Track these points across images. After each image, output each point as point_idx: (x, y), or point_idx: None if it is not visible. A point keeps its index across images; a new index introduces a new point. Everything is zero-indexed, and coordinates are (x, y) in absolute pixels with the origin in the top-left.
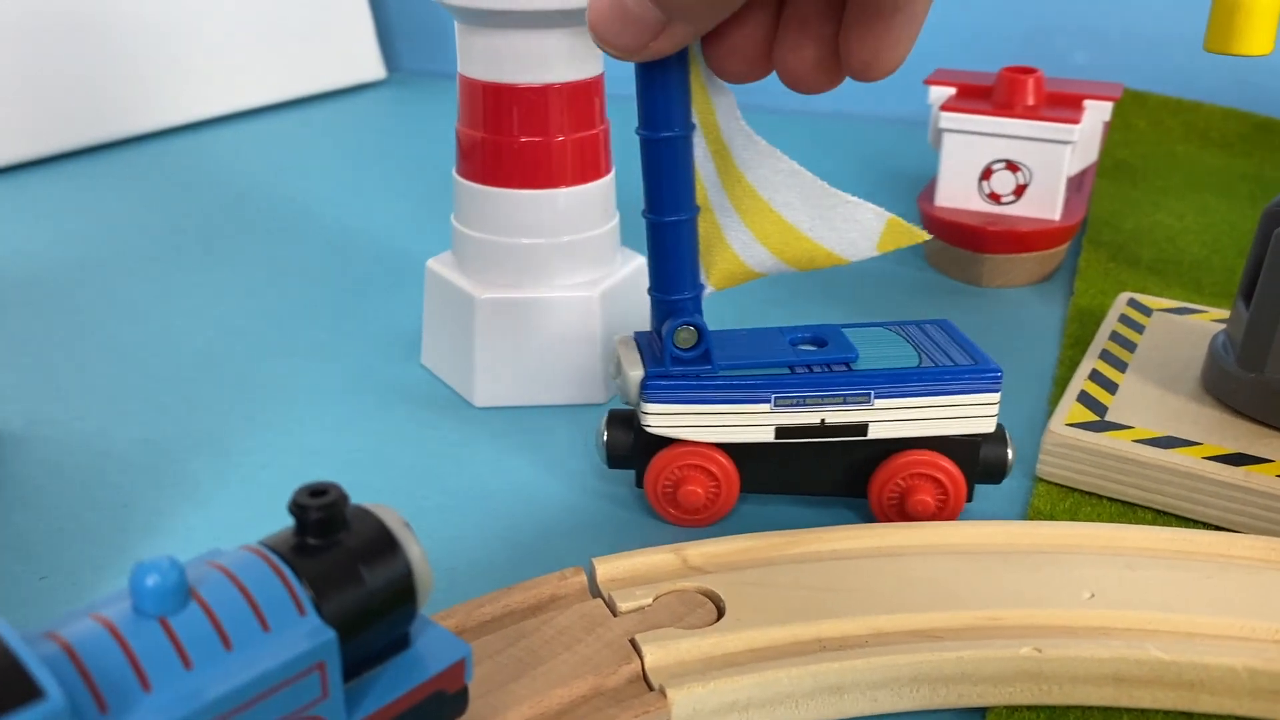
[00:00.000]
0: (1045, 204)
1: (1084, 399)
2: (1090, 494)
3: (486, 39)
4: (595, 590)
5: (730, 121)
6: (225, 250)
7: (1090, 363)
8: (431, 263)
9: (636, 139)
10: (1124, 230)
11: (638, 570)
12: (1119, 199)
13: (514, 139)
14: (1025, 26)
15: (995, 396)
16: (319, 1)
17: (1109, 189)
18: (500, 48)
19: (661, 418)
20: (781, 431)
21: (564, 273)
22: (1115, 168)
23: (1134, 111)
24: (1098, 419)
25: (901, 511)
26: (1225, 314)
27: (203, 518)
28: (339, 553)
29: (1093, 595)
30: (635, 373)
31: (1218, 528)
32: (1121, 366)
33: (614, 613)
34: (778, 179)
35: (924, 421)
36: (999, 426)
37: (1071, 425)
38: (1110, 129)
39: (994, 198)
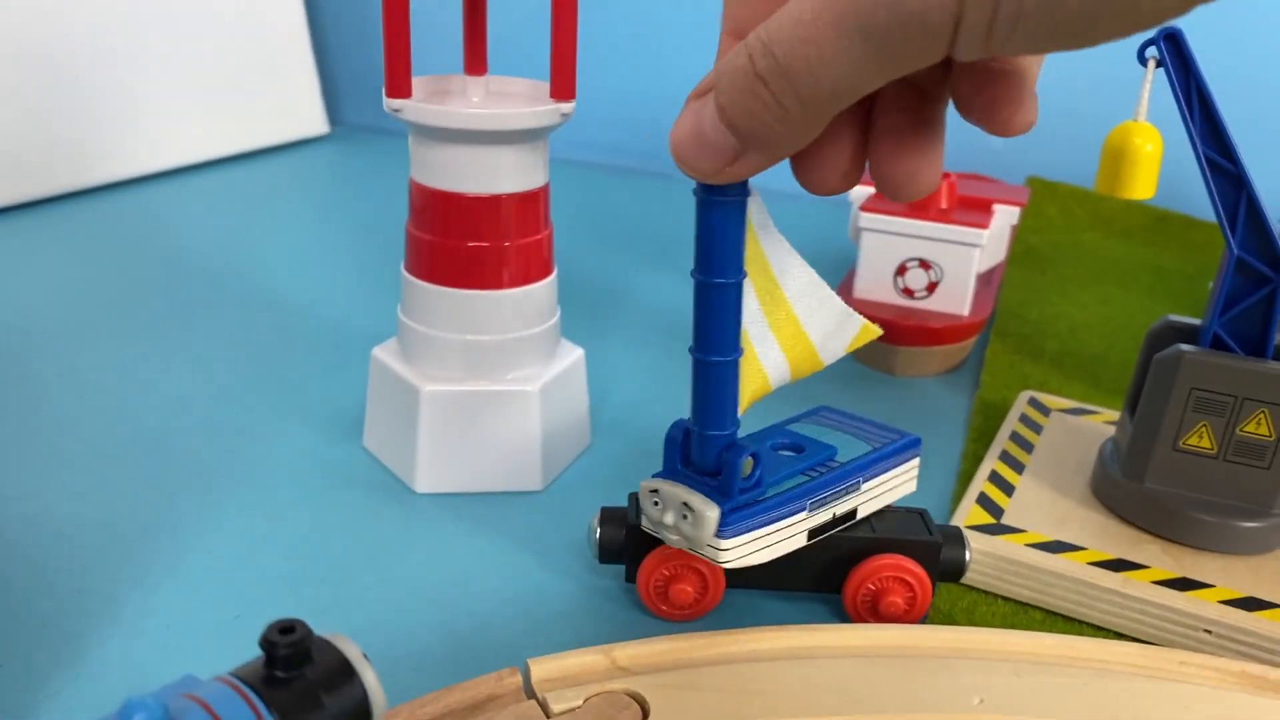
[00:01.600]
0: (955, 300)
1: (983, 501)
2: (987, 592)
3: (441, 152)
4: (530, 690)
5: (782, 256)
6: (170, 318)
7: (990, 463)
8: (377, 351)
9: (580, 232)
10: (1030, 321)
11: (569, 671)
12: (1027, 288)
13: (463, 243)
14: None
15: (917, 460)
16: (262, 55)
17: (1018, 277)
18: (454, 160)
19: (736, 549)
20: (811, 534)
21: (506, 367)
22: (1026, 254)
23: (1045, 199)
24: (995, 521)
25: (874, 611)
26: (1117, 415)
27: (155, 604)
28: (304, 684)
29: (981, 700)
30: (712, 512)
31: (1100, 629)
32: (1019, 468)
33: (547, 714)
34: (810, 299)
35: (884, 495)
36: (958, 529)
37: (970, 528)
38: (1022, 215)
39: (908, 293)
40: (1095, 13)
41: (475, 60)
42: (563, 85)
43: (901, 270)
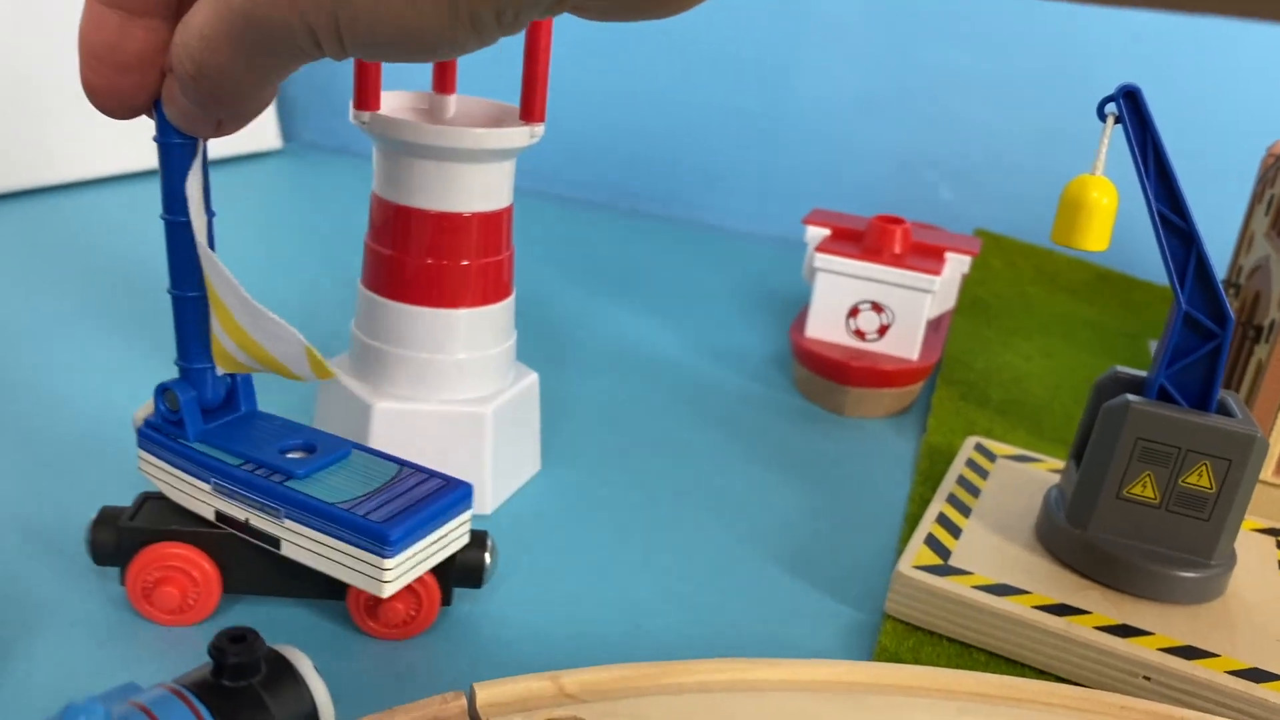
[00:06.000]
0: (905, 344)
1: (930, 542)
2: (932, 633)
3: (406, 167)
4: (475, 714)
5: (220, 284)
6: (116, 322)
7: (938, 505)
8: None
9: (538, 261)
10: (975, 369)
11: (516, 696)
12: (973, 337)
13: (421, 260)
14: (893, 159)
15: (391, 562)
16: None
17: (965, 326)
18: (419, 176)
19: (147, 464)
20: (220, 516)
21: (459, 388)
22: (972, 305)
23: (991, 252)
24: (942, 563)
25: (375, 616)
26: (1059, 463)
27: (87, 612)
28: (253, 696)
29: None
30: (142, 413)
31: (1042, 672)
32: (966, 511)
33: None
34: (221, 281)
35: (325, 560)
36: (483, 534)
37: (918, 568)
38: (972, 264)
39: (859, 334)
40: (405, 31)
41: (444, 78)
42: (533, 107)
43: (854, 312)
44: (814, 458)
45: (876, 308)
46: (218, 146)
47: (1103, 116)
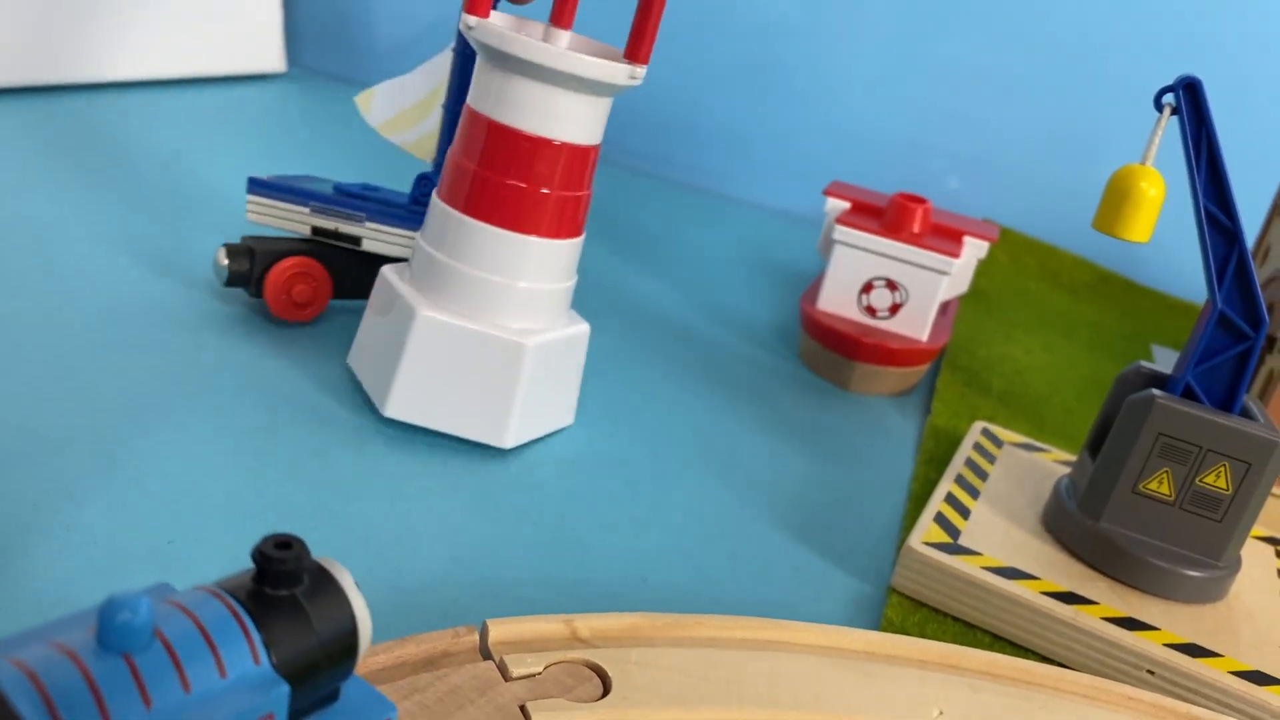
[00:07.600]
0: (916, 324)
1: (940, 520)
2: (937, 611)
3: (506, 81)
4: (485, 651)
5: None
6: (121, 225)
7: (947, 485)
8: (386, 269)
9: (613, 208)
10: (978, 357)
11: (528, 636)
12: (976, 326)
13: (503, 179)
14: (902, 144)
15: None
16: None
17: (968, 314)
18: (517, 93)
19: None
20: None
21: (511, 315)
22: (974, 295)
23: (996, 244)
24: (951, 541)
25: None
26: (1065, 455)
27: (88, 519)
28: (294, 605)
29: (941, 713)
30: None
31: (1045, 658)
32: (974, 493)
33: (505, 677)
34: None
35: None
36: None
37: (928, 544)
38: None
39: (870, 311)
40: None
41: (564, 12)
42: (639, 47)
43: (868, 288)
44: (818, 429)
45: (891, 285)
46: (217, 64)
47: (1159, 107)
